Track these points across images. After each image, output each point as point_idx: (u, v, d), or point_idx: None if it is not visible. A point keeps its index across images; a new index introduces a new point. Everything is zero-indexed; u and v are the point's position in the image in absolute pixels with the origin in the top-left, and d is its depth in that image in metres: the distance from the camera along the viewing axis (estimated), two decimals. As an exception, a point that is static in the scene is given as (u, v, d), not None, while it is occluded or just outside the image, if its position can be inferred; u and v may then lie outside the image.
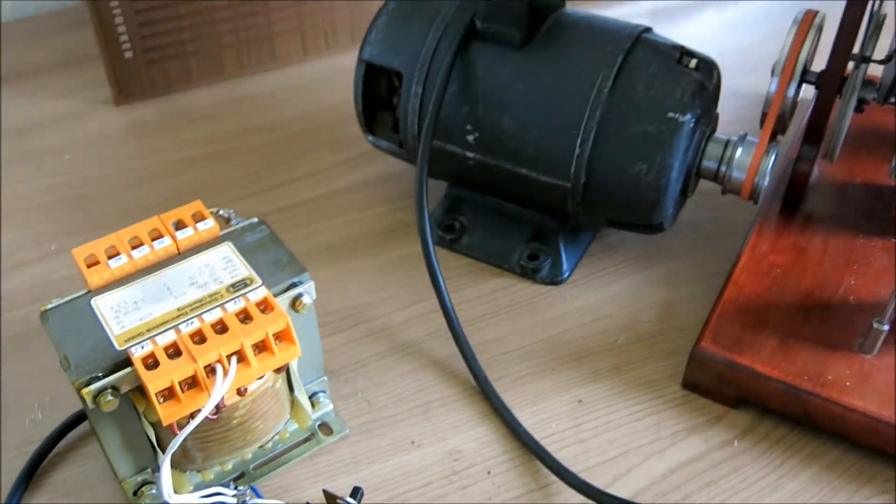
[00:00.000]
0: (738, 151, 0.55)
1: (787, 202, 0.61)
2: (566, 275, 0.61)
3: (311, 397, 0.50)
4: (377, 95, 0.62)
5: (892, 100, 0.53)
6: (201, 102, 0.78)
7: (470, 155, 0.57)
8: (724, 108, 0.64)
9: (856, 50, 0.54)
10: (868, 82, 0.55)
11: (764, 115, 0.56)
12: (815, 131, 0.58)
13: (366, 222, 0.66)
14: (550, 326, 0.58)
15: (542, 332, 0.57)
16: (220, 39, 0.78)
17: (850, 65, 0.55)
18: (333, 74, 0.81)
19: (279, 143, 0.73)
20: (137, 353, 0.39)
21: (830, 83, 0.55)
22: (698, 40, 0.63)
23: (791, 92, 0.56)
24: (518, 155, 0.56)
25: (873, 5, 0.54)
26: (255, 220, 0.48)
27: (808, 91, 0.58)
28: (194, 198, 0.48)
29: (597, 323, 0.58)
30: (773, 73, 0.56)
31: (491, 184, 0.59)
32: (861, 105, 0.57)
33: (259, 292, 0.43)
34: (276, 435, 0.48)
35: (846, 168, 0.65)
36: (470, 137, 0.57)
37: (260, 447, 0.48)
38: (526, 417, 0.52)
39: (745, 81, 0.73)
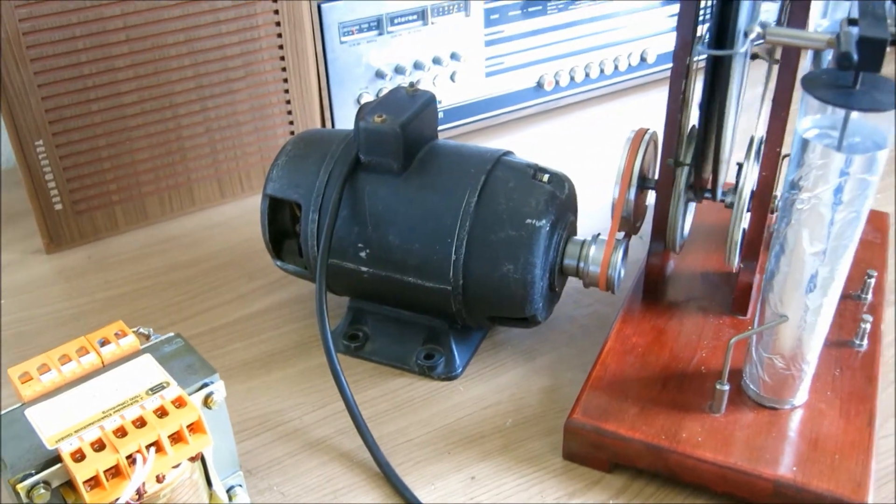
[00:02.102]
0: (592, 249, 0.64)
1: (646, 291, 0.70)
2: (459, 370, 0.68)
3: (228, 491, 0.55)
4: (283, 226, 0.71)
5: (707, 196, 0.63)
6: (127, 246, 0.86)
7: (364, 269, 0.65)
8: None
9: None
10: (691, 185, 0.66)
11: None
12: (659, 229, 0.68)
13: (279, 339, 0.73)
14: (447, 415, 0.65)
15: (440, 421, 0.64)
16: (143, 188, 0.86)
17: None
18: (249, 213, 0.89)
19: (200, 276, 0.81)
20: (66, 450, 0.45)
21: (663, 187, 0.65)
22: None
23: (632, 196, 0.66)
24: (405, 265, 0.64)
25: (690, 123, 0.64)
26: (172, 334, 0.55)
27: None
28: (121, 328, 0.55)
29: (487, 410, 0.65)
30: (615, 182, 0.66)
31: (385, 294, 0.67)
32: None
33: (174, 391, 0.49)
34: (196, 525, 0.53)
35: (699, 259, 0.75)
36: (362, 254, 0.65)
37: (182, 537, 0.53)
38: (425, 495, 0.58)
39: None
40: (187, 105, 0.85)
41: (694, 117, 0.62)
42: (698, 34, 0.59)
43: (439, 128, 0.99)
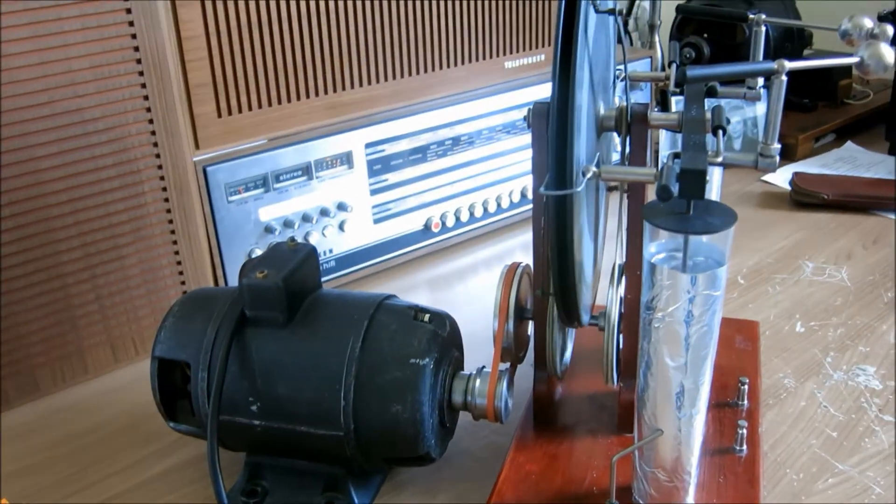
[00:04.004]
0: (478, 382, 0.66)
1: (537, 418, 0.73)
2: (360, 515, 0.68)
3: None
4: (174, 386, 0.71)
5: (577, 324, 0.66)
6: (17, 421, 0.84)
7: (256, 422, 0.66)
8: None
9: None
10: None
11: (496, 350, 0.68)
12: (540, 357, 0.71)
13: (179, 502, 0.72)
14: (349, 564, 0.64)
15: (342, 570, 0.64)
16: (33, 360, 0.86)
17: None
18: (143, 376, 0.88)
19: (94, 446, 0.79)
20: None
21: (538, 317, 0.69)
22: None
23: (511, 328, 0.69)
24: (296, 415, 0.65)
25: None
26: (57, 508, 0.54)
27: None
28: (14, 508, 0.54)
29: (390, 553, 0.65)
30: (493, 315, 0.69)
31: (280, 446, 0.68)
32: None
33: (58, 568, 0.48)
34: None
35: (586, 381, 0.78)
36: (253, 407, 0.66)
37: None
38: None
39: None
40: (75, 274, 0.86)
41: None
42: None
43: (332, 276, 1.03)
